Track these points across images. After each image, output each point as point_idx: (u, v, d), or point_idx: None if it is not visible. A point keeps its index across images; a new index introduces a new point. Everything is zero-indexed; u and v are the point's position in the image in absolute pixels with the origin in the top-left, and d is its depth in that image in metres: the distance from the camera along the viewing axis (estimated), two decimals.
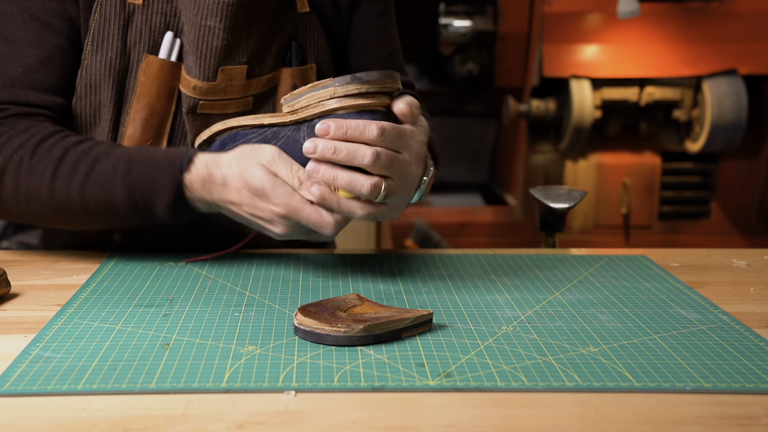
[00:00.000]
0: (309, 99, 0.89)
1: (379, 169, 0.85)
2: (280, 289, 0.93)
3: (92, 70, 1.02)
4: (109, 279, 0.94)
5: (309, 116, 0.90)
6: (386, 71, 0.88)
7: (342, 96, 0.87)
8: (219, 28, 1.01)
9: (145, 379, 0.68)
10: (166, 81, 1.03)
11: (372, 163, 0.84)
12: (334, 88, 0.87)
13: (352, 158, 0.84)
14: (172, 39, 1.03)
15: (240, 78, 1.04)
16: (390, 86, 0.88)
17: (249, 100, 1.06)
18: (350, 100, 0.86)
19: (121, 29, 1.02)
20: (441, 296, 0.92)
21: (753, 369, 0.73)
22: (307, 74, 1.09)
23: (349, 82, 0.86)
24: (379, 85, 0.87)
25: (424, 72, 3.18)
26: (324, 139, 0.85)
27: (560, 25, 2.61)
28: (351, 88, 0.86)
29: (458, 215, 2.88)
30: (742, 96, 2.58)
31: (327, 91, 0.87)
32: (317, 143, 0.85)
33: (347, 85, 0.86)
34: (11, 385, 0.66)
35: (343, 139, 0.84)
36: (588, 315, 0.86)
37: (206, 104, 1.03)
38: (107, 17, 1.02)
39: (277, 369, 0.71)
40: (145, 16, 1.02)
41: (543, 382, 0.69)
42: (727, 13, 2.63)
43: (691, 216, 2.89)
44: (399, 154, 0.87)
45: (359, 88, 0.86)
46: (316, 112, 0.89)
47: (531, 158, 2.83)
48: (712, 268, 1.06)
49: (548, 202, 1.18)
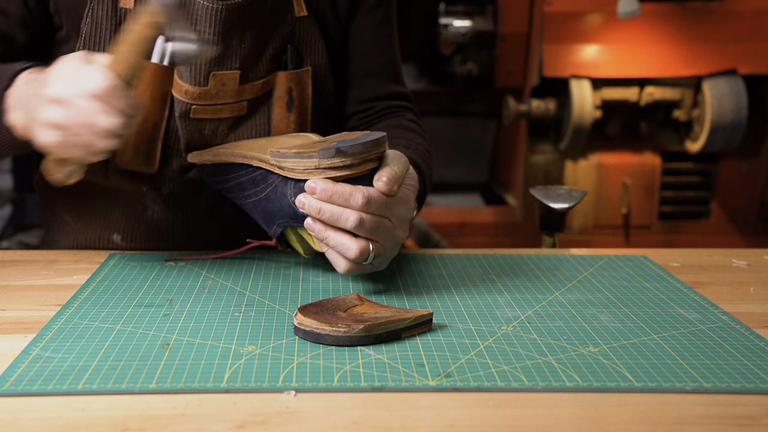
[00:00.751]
0: (295, 164, 0.88)
1: (364, 233, 0.85)
2: (280, 289, 0.93)
3: None
4: (109, 279, 0.94)
5: (294, 177, 0.89)
6: (373, 139, 0.86)
7: (326, 168, 0.86)
8: (209, 33, 1.00)
9: (145, 379, 0.68)
10: (159, 85, 1.02)
11: (355, 228, 0.84)
12: (318, 160, 0.86)
13: (336, 221, 0.84)
14: (163, 43, 1.03)
15: (233, 83, 1.03)
16: (376, 153, 0.87)
17: (243, 105, 1.06)
18: (334, 172, 0.86)
19: (112, 33, 1.01)
20: (441, 296, 0.92)
21: (753, 369, 0.73)
22: (302, 77, 1.08)
23: (333, 155, 0.85)
24: (364, 155, 0.86)
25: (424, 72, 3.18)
26: (312, 198, 0.85)
27: (560, 25, 2.61)
28: (336, 161, 0.85)
29: (458, 215, 2.88)
30: (742, 96, 2.58)
31: (312, 162, 0.86)
32: (304, 201, 0.85)
33: (332, 158, 0.85)
34: (11, 385, 0.66)
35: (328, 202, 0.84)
36: (588, 315, 0.86)
37: (199, 109, 1.03)
38: (99, 21, 1.01)
39: (277, 369, 0.71)
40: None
41: (543, 382, 0.69)
42: (727, 13, 2.63)
43: (691, 216, 2.89)
44: (384, 219, 0.86)
45: (344, 161, 0.85)
46: (301, 177, 0.88)
47: (531, 158, 2.83)
48: (712, 268, 1.06)
49: (548, 202, 1.18)
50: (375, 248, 0.86)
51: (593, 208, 2.79)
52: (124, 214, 1.11)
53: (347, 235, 0.85)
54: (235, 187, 0.98)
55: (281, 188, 0.91)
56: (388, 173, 0.86)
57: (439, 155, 3.18)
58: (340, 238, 0.85)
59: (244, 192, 0.96)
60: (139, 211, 1.10)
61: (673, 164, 2.84)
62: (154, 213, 1.10)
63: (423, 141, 1.11)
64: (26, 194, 3.33)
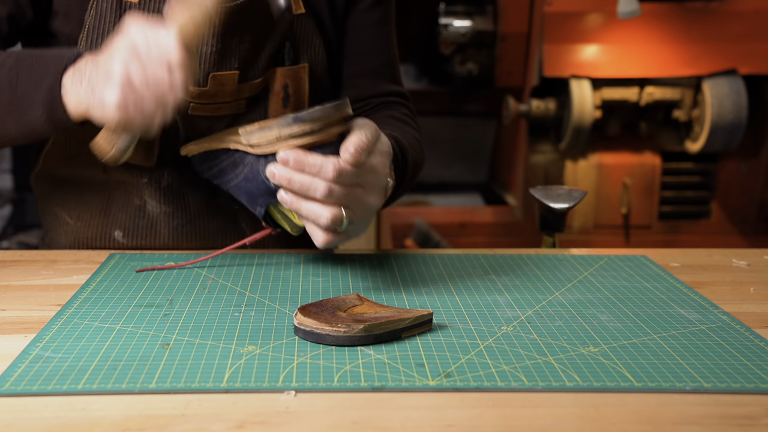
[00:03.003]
0: (260, 138, 0.89)
1: (334, 201, 0.85)
2: (280, 289, 0.93)
3: None
4: (109, 279, 0.94)
5: (262, 152, 0.90)
6: (333, 104, 0.86)
7: (287, 137, 0.86)
8: (209, 35, 1.00)
9: (145, 379, 0.68)
10: None
11: (324, 197, 0.84)
12: (279, 129, 0.86)
13: (306, 191, 0.84)
14: None
15: (231, 83, 1.03)
16: (337, 118, 0.87)
17: (242, 103, 1.06)
18: (296, 140, 0.86)
19: (116, 27, 1.02)
20: (441, 296, 0.92)
21: (753, 369, 0.73)
22: (299, 74, 1.09)
23: (291, 123, 0.85)
24: (324, 120, 0.86)
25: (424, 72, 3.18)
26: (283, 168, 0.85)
27: (560, 25, 2.61)
28: (295, 129, 0.86)
29: (458, 215, 2.88)
30: (742, 96, 2.58)
31: (272, 133, 0.87)
32: (275, 171, 0.85)
33: (291, 126, 0.86)
34: (11, 385, 0.66)
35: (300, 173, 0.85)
36: (588, 315, 0.86)
37: (198, 107, 1.03)
38: (103, 14, 1.01)
39: (277, 369, 0.71)
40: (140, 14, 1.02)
41: (543, 382, 0.69)
42: (727, 13, 2.63)
43: (691, 216, 2.89)
44: (356, 186, 0.86)
45: (303, 128, 0.85)
46: (267, 151, 0.89)
47: (531, 158, 2.83)
48: (712, 268, 1.06)
49: (548, 202, 1.18)
50: (348, 215, 0.86)
51: (593, 208, 2.80)
52: (124, 209, 1.11)
53: (318, 203, 0.85)
54: (219, 172, 0.99)
55: (255, 166, 0.92)
56: (355, 143, 0.85)
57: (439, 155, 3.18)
58: (312, 206, 0.85)
59: (227, 176, 0.97)
60: (139, 205, 1.11)
61: (673, 164, 2.84)
62: (153, 207, 1.10)
63: (413, 131, 1.11)
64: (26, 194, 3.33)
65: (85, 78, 0.87)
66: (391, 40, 1.19)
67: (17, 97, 0.91)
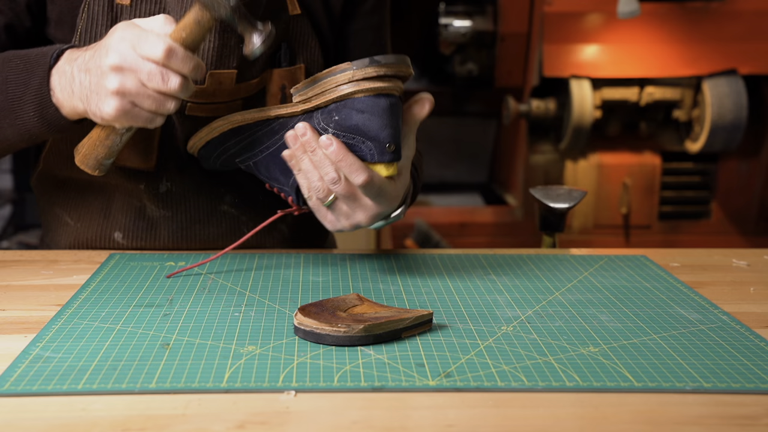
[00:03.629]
0: (325, 84, 0.89)
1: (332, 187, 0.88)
2: (280, 289, 0.93)
3: None
4: (109, 279, 0.94)
5: (324, 102, 0.90)
6: (400, 55, 0.89)
7: (360, 79, 0.87)
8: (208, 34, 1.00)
9: (145, 379, 0.68)
10: None
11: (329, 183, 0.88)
12: (352, 72, 0.87)
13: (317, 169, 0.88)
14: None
15: (229, 82, 1.03)
16: (405, 71, 0.90)
17: (238, 103, 1.06)
18: (368, 83, 0.87)
19: (108, 29, 1.01)
20: (441, 296, 0.92)
21: (753, 369, 0.73)
22: (295, 75, 1.09)
23: (368, 65, 0.87)
24: (395, 68, 0.88)
25: (424, 72, 3.18)
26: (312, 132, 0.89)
27: (560, 25, 2.61)
28: (369, 71, 0.87)
29: (458, 215, 2.88)
30: (742, 96, 2.58)
31: (345, 75, 0.88)
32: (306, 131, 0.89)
33: (366, 68, 0.87)
34: (11, 385, 0.66)
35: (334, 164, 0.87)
36: (588, 315, 0.86)
37: (194, 107, 1.03)
38: (95, 17, 1.01)
39: (277, 369, 0.71)
40: (132, 17, 1.02)
41: (543, 382, 0.69)
42: (727, 13, 2.63)
43: (691, 216, 2.89)
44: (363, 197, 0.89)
45: (377, 71, 0.87)
46: (332, 98, 0.89)
47: (531, 158, 2.83)
48: (712, 268, 1.06)
49: (548, 202, 1.18)
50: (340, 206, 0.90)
51: (593, 208, 2.80)
52: (124, 211, 1.11)
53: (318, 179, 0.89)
54: (248, 146, 0.97)
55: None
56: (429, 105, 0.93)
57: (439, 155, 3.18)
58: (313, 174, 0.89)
59: (260, 146, 0.97)
60: (138, 207, 1.10)
61: (673, 164, 2.84)
62: (152, 210, 1.10)
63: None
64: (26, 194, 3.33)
65: (75, 82, 0.88)
66: (389, 40, 1.22)
67: (8, 101, 0.92)
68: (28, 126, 0.92)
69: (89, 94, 0.86)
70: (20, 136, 0.94)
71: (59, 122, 0.91)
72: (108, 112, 0.85)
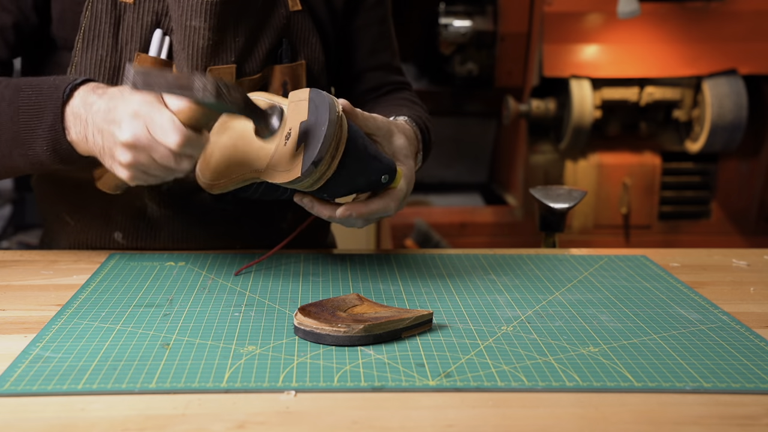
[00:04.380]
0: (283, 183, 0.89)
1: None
2: (280, 289, 0.93)
3: (82, 67, 1.02)
4: (109, 279, 0.94)
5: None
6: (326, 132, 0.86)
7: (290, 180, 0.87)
8: (204, 27, 1.01)
9: (145, 379, 0.68)
10: None
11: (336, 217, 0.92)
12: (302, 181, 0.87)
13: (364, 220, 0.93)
14: (161, 37, 1.03)
15: (229, 77, 1.04)
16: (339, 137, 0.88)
17: None
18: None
19: (112, 27, 1.02)
20: (441, 296, 0.92)
21: (753, 369, 0.73)
22: (296, 71, 1.09)
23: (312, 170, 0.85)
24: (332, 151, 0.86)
25: (424, 72, 3.18)
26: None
27: (560, 25, 2.61)
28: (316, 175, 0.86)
29: (458, 215, 2.88)
30: (742, 96, 2.58)
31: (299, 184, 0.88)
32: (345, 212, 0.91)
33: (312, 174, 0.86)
34: (11, 385, 0.66)
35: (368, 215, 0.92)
36: (588, 315, 0.86)
37: None
38: (98, 15, 1.02)
39: (277, 369, 0.71)
40: (136, 15, 1.02)
41: (543, 382, 0.69)
42: (727, 13, 2.62)
43: (691, 216, 2.89)
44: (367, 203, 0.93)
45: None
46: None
47: (531, 158, 2.83)
48: (712, 268, 1.06)
49: (548, 202, 1.18)
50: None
51: (593, 208, 2.79)
52: (124, 211, 1.11)
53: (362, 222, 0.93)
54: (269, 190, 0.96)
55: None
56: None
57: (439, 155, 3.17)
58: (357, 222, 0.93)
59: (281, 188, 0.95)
60: (139, 207, 1.11)
61: (673, 164, 2.84)
62: (153, 210, 1.10)
63: (423, 111, 1.17)
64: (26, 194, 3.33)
65: (89, 133, 0.88)
66: (393, 33, 1.24)
67: (20, 132, 0.92)
68: (40, 158, 0.93)
69: (103, 153, 0.87)
70: (31, 166, 0.95)
71: (71, 156, 0.92)
72: (120, 175, 0.86)
